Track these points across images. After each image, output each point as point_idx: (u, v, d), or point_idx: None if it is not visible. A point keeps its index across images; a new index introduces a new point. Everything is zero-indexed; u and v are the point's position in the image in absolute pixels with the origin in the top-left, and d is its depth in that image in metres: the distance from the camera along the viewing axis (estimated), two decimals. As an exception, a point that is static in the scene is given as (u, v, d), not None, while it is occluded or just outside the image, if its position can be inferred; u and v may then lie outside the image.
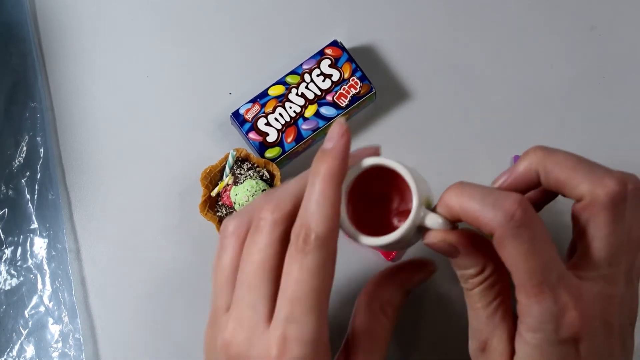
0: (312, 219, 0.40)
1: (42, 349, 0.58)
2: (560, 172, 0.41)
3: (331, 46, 0.60)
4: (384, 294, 0.44)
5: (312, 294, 0.39)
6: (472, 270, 0.42)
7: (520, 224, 0.38)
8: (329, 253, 0.40)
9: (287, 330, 0.39)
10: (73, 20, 0.64)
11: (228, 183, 0.57)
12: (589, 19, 0.63)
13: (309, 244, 0.39)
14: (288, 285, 0.40)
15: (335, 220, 0.40)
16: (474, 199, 0.39)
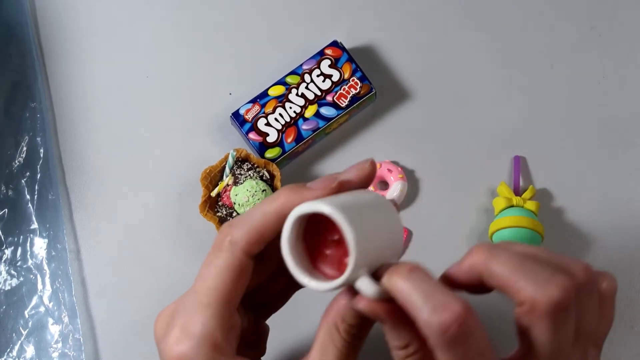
0: (237, 224, 0.41)
1: (42, 349, 0.57)
2: (502, 276, 0.38)
3: (331, 46, 0.60)
4: (339, 309, 0.41)
5: (208, 292, 0.40)
6: (396, 342, 0.40)
7: (452, 340, 0.36)
8: (237, 260, 0.41)
9: (180, 320, 0.41)
10: (73, 20, 0.64)
11: (228, 183, 0.57)
12: (589, 19, 0.63)
13: (224, 244, 0.41)
14: (196, 282, 0.42)
15: (256, 235, 0.41)
16: (417, 293, 0.36)
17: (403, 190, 0.59)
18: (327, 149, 0.61)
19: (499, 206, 0.58)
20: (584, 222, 0.59)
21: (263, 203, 0.41)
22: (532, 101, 0.62)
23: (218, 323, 0.40)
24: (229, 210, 0.57)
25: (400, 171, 0.59)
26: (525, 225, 0.55)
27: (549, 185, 0.60)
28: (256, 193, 0.56)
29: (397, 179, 0.59)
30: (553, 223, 0.59)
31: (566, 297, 0.37)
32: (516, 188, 0.59)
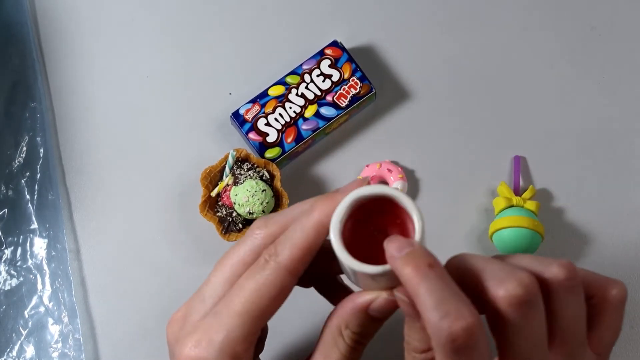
0: (283, 245, 0.41)
1: (42, 349, 0.57)
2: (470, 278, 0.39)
3: (331, 46, 0.60)
4: (343, 315, 0.41)
5: (245, 305, 0.40)
6: (419, 344, 0.39)
7: (459, 349, 0.35)
8: (281, 281, 0.40)
9: (206, 323, 0.41)
10: (73, 20, 0.64)
11: (228, 183, 0.57)
12: (589, 19, 0.63)
13: (269, 264, 0.41)
14: (231, 290, 0.41)
15: (301, 258, 0.41)
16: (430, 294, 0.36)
17: (403, 190, 0.59)
18: (327, 149, 0.61)
19: (499, 206, 0.58)
20: (584, 222, 0.59)
21: (301, 218, 0.41)
22: (532, 101, 0.62)
23: (244, 335, 0.40)
24: (229, 210, 0.57)
25: (400, 171, 0.59)
26: (525, 225, 0.55)
27: (549, 185, 0.60)
28: (256, 193, 0.56)
29: (397, 179, 0.59)
30: (553, 223, 0.59)
31: (525, 292, 0.37)
32: (516, 188, 0.59)
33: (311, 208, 0.41)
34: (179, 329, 0.42)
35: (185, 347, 0.40)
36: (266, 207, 0.57)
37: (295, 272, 0.41)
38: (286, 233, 0.41)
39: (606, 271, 0.56)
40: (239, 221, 0.57)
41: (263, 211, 0.56)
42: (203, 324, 0.41)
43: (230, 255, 0.43)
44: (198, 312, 0.42)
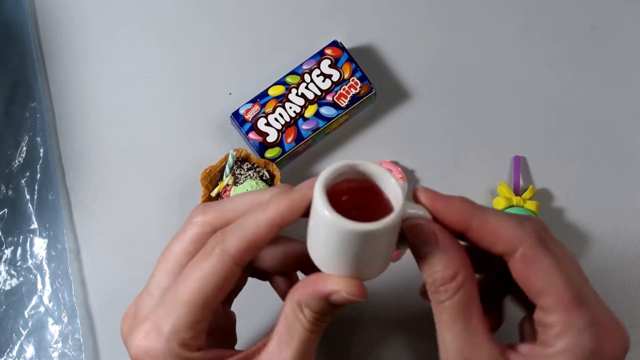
0: (232, 235, 0.41)
1: (42, 349, 0.57)
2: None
3: (331, 46, 0.60)
4: (304, 295, 0.41)
5: (190, 293, 0.40)
6: (446, 272, 0.38)
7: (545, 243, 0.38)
8: (226, 270, 0.40)
9: (153, 314, 0.41)
10: (73, 20, 0.64)
11: (228, 183, 0.57)
12: (589, 19, 0.63)
13: (215, 251, 0.41)
14: (177, 279, 0.42)
15: (248, 249, 0.40)
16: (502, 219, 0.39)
17: (403, 190, 0.59)
18: (327, 149, 0.61)
19: (499, 206, 0.58)
20: (584, 222, 0.59)
21: (256, 211, 0.41)
22: (532, 101, 0.62)
23: (190, 323, 0.41)
24: (229, 210, 0.57)
25: (400, 171, 0.59)
26: None
27: (549, 185, 0.60)
28: (256, 193, 0.56)
29: (397, 179, 0.59)
30: (553, 223, 0.59)
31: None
32: (516, 188, 0.59)
33: (267, 203, 0.41)
34: (130, 323, 0.43)
35: (136, 339, 0.41)
36: (266, 207, 0.56)
37: (240, 262, 0.41)
38: (237, 222, 0.41)
39: (606, 271, 0.56)
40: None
41: (263, 211, 0.56)
42: (151, 314, 0.41)
43: (171, 246, 0.44)
44: (146, 305, 0.43)
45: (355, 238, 0.37)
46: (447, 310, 0.38)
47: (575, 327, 0.38)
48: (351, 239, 0.37)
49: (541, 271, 0.38)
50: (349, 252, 0.38)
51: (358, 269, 0.39)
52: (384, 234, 0.38)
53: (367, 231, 0.37)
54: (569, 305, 0.38)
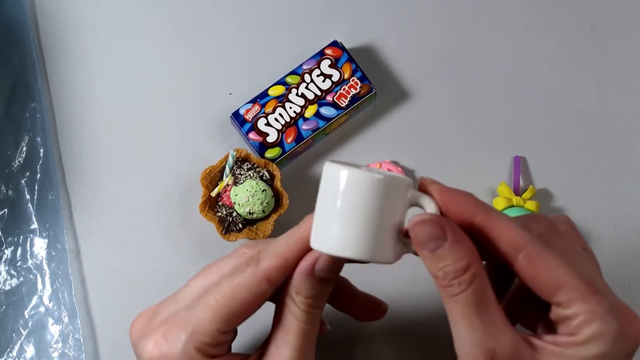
0: (265, 253, 0.42)
1: (42, 349, 0.57)
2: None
3: (331, 46, 0.60)
4: (293, 282, 0.41)
5: (218, 300, 0.41)
6: (458, 264, 0.38)
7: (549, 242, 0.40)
8: (257, 285, 0.41)
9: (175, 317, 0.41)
10: (73, 20, 0.64)
11: (228, 183, 0.57)
12: (589, 19, 0.63)
13: (249, 267, 0.41)
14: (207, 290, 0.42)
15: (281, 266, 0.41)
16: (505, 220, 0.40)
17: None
18: (327, 149, 0.61)
19: (499, 206, 0.58)
20: (584, 222, 0.59)
21: (289, 231, 0.42)
22: (532, 101, 0.62)
23: (212, 330, 0.41)
24: (229, 210, 0.57)
25: (400, 171, 0.59)
26: None
27: (549, 185, 0.60)
28: (256, 193, 0.56)
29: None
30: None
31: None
32: (516, 188, 0.59)
33: (300, 224, 0.42)
34: (145, 325, 0.43)
35: (151, 341, 0.41)
36: (266, 207, 0.57)
37: (272, 280, 0.41)
38: (271, 243, 0.42)
39: (606, 271, 0.56)
40: (239, 221, 0.57)
41: (263, 211, 0.56)
42: (172, 318, 0.41)
43: (212, 266, 0.44)
44: (168, 311, 0.43)
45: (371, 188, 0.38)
46: (462, 303, 0.38)
47: (598, 313, 0.38)
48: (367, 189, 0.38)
49: (551, 268, 0.38)
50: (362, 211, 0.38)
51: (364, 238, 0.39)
52: (395, 189, 0.38)
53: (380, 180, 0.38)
54: (586, 294, 0.38)
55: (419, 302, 0.58)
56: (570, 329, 0.38)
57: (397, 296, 0.58)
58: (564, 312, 0.38)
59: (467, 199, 0.40)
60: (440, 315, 0.55)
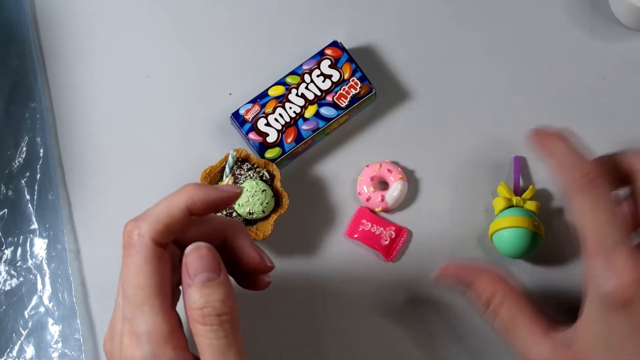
0: (141, 218, 0.43)
1: (42, 350, 0.57)
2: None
3: (331, 46, 0.60)
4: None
5: (137, 291, 0.41)
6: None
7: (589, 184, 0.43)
8: (151, 251, 0.42)
9: (124, 327, 0.42)
10: (73, 20, 0.64)
11: (228, 183, 0.57)
12: (589, 19, 0.63)
13: (132, 239, 0.42)
14: (119, 284, 0.43)
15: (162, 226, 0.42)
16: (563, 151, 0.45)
17: (403, 190, 0.59)
18: (327, 149, 0.61)
19: (498, 206, 0.58)
20: (584, 222, 0.59)
21: (167, 197, 0.44)
22: (532, 101, 0.62)
23: (159, 317, 0.41)
24: (229, 211, 0.57)
25: (400, 171, 0.59)
26: (525, 225, 0.55)
27: (549, 185, 0.60)
28: (256, 193, 0.56)
29: (397, 179, 0.59)
30: (553, 223, 0.59)
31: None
32: (516, 188, 0.59)
33: (181, 189, 0.44)
34: (110, 344, 0.44)
35: (118, 353, 0.42)
36: (266, 207, 0.57)
37: (160, 242, 0.42)
38: (147, 210, 0.43)
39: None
40: (239, 221, 0.57)
41: (263, 211, 0.56)
42: (124, 326, 0.42)
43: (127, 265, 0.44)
44: (118, 321, 0.43)
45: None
46: (497, 328, 0.45)
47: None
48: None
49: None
50: None
51: None
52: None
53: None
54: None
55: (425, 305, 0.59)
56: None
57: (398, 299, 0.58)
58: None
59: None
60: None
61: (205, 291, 0.41)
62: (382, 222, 0.59)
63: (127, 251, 0.42)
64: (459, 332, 0.57)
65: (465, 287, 0.47)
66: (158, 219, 0.43)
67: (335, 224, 0.60)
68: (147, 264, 0.42)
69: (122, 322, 0.43)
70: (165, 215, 0.43)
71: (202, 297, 0.41)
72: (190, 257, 0.42)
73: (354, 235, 0.59)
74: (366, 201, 0.59)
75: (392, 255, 0.58)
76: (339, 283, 0.58)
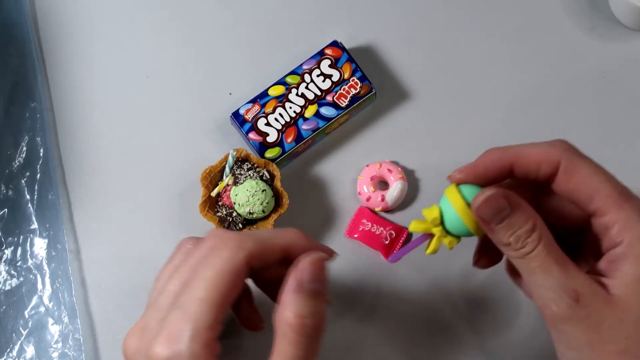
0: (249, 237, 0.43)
1: (42, 349, 0.57)
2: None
3: (331, 46, 0.60)
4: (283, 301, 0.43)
5: (207, 290, 0.41)
6: (528, 225, 0.41)
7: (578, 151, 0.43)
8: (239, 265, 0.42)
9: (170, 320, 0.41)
10: (73, 20, 0.64)
11: (228, 183, 0.57)
12: (589, 19, 0.63)
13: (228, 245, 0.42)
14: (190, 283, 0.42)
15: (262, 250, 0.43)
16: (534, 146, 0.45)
17: (403, 190, 0.59)
18: (327, 149, 0.61)
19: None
20: (584, 222, 0.59)
21: (276, 229, 0.45)
22: (532, 101, 0.62)
23: (210, 322, 0.40)
24: (229, 210, 0.57)
25: (400, 171, 0.59)
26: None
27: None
28: (256, 193, 0.56)
29: (397, 179, 0.59)
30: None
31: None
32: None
33: (289, 230, 0.45)
34: (139, 340, 0.42)
35: (153, 352, 0.40)
36: (266, 207, 0.57)
37: (251, 263, 0.42)
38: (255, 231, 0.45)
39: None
40: (239, 221, 0.57)
41: (263, 211, 0.56)
42: (167, 322, 0.41)
43: (168, 268, 0.46)
44: (155, 318, 0.42)
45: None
46: (538, 258, 0.41)
47: (635, 217, 0.40)
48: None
49: (588, 178, 0.42)
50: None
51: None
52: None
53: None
54: (619, 201, 0.40)
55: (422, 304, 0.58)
56: (613, 239, 0.40)
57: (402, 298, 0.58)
58: (603, 221, 0.41)
59: (493, 154, 0.44)
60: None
61: (312, 302, 0.41)
62: (382, 222, 0.59)
63: (215, 252, 0.42)
64: (459, 332, 0.57)
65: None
66: (261, 242, 0.43)
67: (335, 224, 0.60)
68: (228, 275, 0.41)
69: (158, 321, 0.42)
70: (269, 243, 0.43)
71: (307, 307, 0.41)
72: (309, 264, 0.42)
73: (354, 235, 0.59)
74: (366, 201, 0.59)
75: (393, 253, 0.58)
76: (339, 283, 0.58)
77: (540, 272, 0.40)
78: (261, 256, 0.43)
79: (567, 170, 0.43)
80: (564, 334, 0.40)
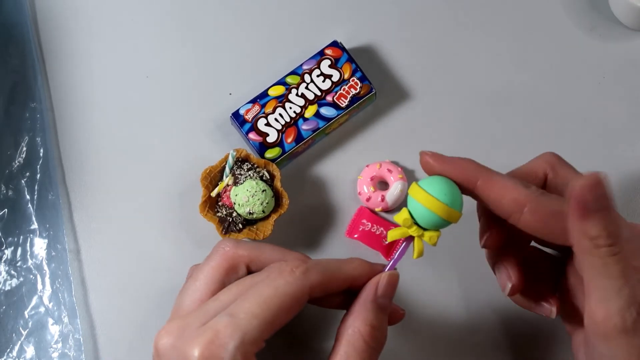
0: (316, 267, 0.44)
1: (42, 350, 0.57)
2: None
3: (331, 46, 0.60)
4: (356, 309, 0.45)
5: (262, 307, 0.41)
6: (609, 229, 0.38)
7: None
8: (300, 293, 0.42)
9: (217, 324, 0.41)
10: (73, 20, 0.64)
11: (228, 183, 0.57)
12: (589, 19, 0.63)
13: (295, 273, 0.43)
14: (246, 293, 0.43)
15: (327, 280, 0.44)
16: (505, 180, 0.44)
17: (403, 190, 0.59)
18: (327, 149, 0.61)
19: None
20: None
21: (340, 260, 0.45)
22: (532, 101, 0.62)
23: (256, 338, 0.40)
24: (229, 211, 0.57)
25: (400, 171, 0.59)
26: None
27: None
28: (256, 193, 0.56)
29: (397, 179, 0.59)
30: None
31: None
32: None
33: (353, 259, 0.46)
34: (176, 338, 0.42)
35: (193, 350, 0.40)
36: (266, 207, 0.57)
37: (313, 292, 0.43)
38: (322, 261, 0.44)
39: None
40: (239, 221, 0.57)
41: (263, 211, 0.56)
42: (213, 325, 0.40)
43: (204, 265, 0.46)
44: (200, 320, 0.42)
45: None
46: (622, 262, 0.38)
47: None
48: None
49: (558, 215, 0.41)
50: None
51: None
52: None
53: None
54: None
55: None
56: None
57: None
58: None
59: (467, 164, 0.44)
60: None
61: (382, 316, 0.43)
62: (383, 222, 0.59)
63: (280, 275, 0.43)
64: (459, 332, 0.57)
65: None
66: (327, 273, 0.44)
67: (335, 224, 0.60)
68: (288, 299, 0.42)
69: (203, 323, 0.41)
70: (335, 272, 0.44)
71: (377, 320, 0.43)
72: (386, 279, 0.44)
73: (354, 235, 0.59)
74: (366, 201, 0.59)
75: (392, 254, 0.58)
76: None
77: (622, 278, 0.38)
78: (325, 287, 0.44)
79: (534, 210, 0.42)
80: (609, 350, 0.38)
